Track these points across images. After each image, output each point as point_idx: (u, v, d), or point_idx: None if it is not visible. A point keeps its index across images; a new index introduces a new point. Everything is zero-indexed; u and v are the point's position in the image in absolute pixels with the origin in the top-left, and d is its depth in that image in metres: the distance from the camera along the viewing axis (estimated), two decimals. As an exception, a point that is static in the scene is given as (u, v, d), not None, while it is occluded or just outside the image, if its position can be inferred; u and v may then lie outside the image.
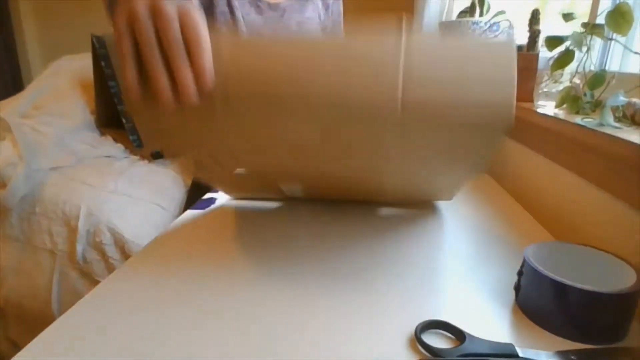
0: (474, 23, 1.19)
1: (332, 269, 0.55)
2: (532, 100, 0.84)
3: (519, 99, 0.87)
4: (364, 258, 0.58)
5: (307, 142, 0.48)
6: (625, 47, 0.77)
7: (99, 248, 1.17)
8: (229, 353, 0.40)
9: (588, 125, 0.61)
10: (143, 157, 1.48)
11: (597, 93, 0.73)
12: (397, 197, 0.71)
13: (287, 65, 0.42)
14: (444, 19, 1.40)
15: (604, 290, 0.40)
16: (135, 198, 1.26)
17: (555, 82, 0.77)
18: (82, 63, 1.66)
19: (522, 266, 0.47)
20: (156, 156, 1.49)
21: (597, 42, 0.79)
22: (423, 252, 0.60)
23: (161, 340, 0.41)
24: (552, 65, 0.74)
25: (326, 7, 1.10)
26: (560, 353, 0.40)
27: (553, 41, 0.74)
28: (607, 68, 0.89)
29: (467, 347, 0.40)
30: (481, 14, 1.22)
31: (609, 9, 0.65)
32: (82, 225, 1.18)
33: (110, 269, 1.17)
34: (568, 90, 0.73)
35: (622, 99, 0.64)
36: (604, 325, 0.42)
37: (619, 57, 0.89)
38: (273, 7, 1.03)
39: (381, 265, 0.56)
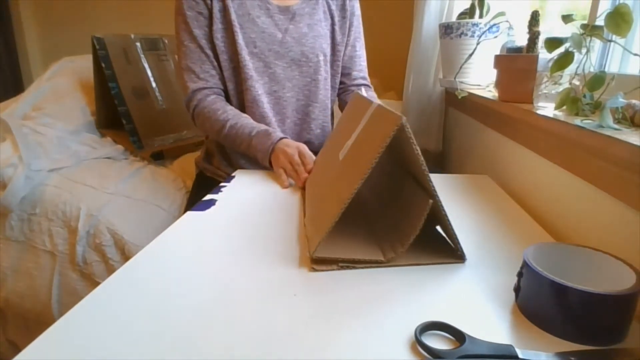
0: (473, 24, 1.19)
1: (332, 272, 0.55)
2: (531, 102, 0.84)
3: (518, 100, 0.88)
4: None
5: None
6: (625, 48, 0.77)
7: (99, 249, 1.17)
8: (229, 353, 0.40)
9: (587, 127, 0.61)
10: (143, 159, 1.48)
11: (596, 94, 0.73)
12: None
13: None
14: (443, 19, 1.40)
15: (603, 291, 0.41)
16: (136, 199, 1.26)
17: (555, 83, 0.77)
18: (83, 64, 1.66)
19: (521, 267, 0.47)
20: (156, 157, 1.49)
21: (596, 44, 0.79)
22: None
23: (161, 342, 0.41)
24: (552, 66, 0.74)
25: (342, 5, 1.11)
26: (559, 354, 0.40)
27: (552, 43, 0.74)
28: (606, 69, 0.90)
29: (467, 348, 0.40)
30: (481, 16, 1.22)
31: (609, 11, 0.65)
32: (82, 227, 1.18)
33: (110, 270, 1.16)
34: (568, 91, 0.73)
35: (621, 100, 0.64)
36: (604, 326, 0.42)
37: (619, 58, 0.89)
38: (283, 10, 1.04)
39: (380, 268, 0.56)
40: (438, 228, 0.64)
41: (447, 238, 0.59)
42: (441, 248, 0.60)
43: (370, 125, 0.63)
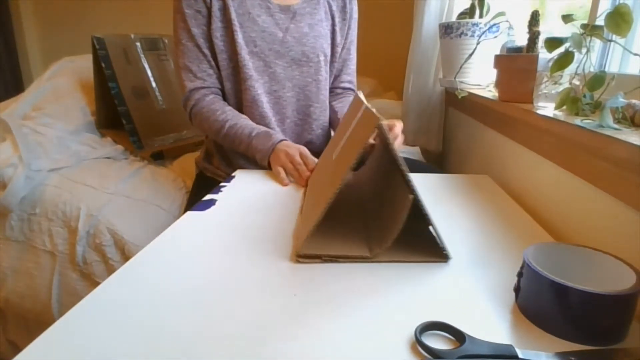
0: (473, 24, 1.19)
1: (333, 270, 0.55)
2: (531, 102, 0.84)
3: (518, 100, 0.88)
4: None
5: None
6: (625, 48, 0.77)
7: (99, 249, 1.17)
8: (229, 352, 0.40)
9: (587, 127, 0.61)
10: (143, 159, 1.48)
11: (596, 94, 0.73)
12: None
13: None
14: (443, 19, 1.40)
15: (604, 291, 0.41)
16: (136, 199, 1.26)
17: (555, 83, 0.77)
18: (83, 64, 1.66)
19: (521, 267, 0.47)
20: (156, 157, 1.48)
21: (596, 44, 0.79)
22: (423, 254, 0.60)
23: (160, 342, 0.41)
24: (552, 66, 0.74)
25: (342, 6, 1.11)
26: (559, 354, 0.40)
27: (552, 43, 0.74)
28: (606, 69, 0.90)
29: (467, 348, 0.40)
30: (481, 15, 1.22)
31: (609, 11, 0.65)
32: (82, 227, 1.18)
33: (110, 270, 1.16)
34: (568, 91, 0.73)
35: (621, 100, 0.64)
36: (604, 326, 0.42)
37: (619, 58, 0.89)
38: (284, 9, 1.04)
39: (380, 266, 0.56)
40: (431, 229, 0.64)
41: (436, 237, 0.60)
42: (435, 247, 0.60)
43: (358, 127, 0.65)
